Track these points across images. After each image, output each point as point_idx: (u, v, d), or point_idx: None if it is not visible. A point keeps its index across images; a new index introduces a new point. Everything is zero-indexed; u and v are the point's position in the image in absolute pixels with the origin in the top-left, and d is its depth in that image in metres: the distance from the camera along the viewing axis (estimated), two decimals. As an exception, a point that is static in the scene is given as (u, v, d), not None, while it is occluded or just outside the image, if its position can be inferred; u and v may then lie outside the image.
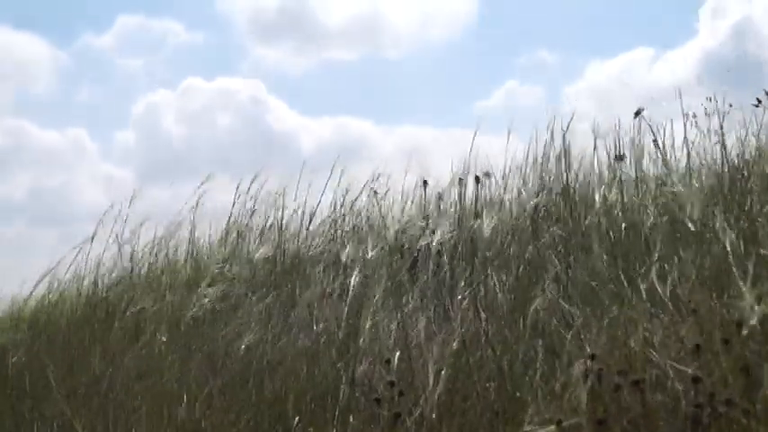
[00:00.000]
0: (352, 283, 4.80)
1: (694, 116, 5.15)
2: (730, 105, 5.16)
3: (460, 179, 5.98)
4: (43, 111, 23.84)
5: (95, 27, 27.38)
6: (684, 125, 5.10)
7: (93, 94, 24.50)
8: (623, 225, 4.38)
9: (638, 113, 5.24)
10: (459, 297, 4.42)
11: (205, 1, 26.69)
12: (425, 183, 6.12)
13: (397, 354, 4.05)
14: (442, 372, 3.87)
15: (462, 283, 4.61)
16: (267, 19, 24.62)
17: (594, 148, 5.44)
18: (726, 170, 4.61)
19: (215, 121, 22.80)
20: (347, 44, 25.28)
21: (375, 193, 6.22)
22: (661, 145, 5.23)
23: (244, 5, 25.62)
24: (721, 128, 4.87)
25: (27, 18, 24.95)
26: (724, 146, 4.88)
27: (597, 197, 4.87)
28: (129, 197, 6.50)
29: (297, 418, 4.14)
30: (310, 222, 6.20)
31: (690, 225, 3.85)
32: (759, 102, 5.05)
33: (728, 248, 3.43)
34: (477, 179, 6.07)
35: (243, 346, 4.72)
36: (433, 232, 5.40)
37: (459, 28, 24.46)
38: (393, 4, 25.71)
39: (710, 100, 5.22)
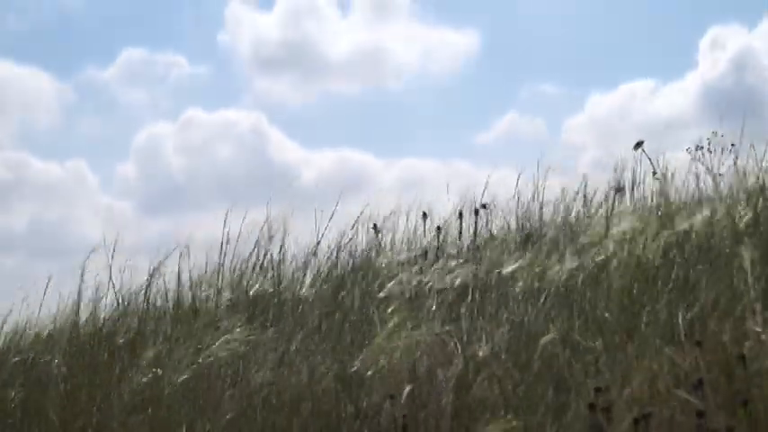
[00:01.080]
0: (355, 317, 4.78)
1: (696, 149, 5.18)
2: (732, 145, 5.19)
3: (461, 212, 5.98)
4: (45, 143, 23.79)
5: (99, 60, 27.47)
6: (689, 157, 5.11)
7: (95, 127, 24.53)
8: (629, 257, 4.37)
9: (638, 146, 5.25)
10: (466, 330, 4.39)
11: (208, 34, 26.80)
12: (425, 215, 6.10)
13: (405, 388, 4.02)
14: (449, 405, 3.85)
15: (468, 317, 4.58)
16: (269, 52, 24.75)
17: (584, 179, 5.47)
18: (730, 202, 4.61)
19: (215, 153, 22.82)
20: (348, 77, 25.39)
21: (375, 226, 6.20)
22: (661, 177, 5.25)
23: (246, 38, 25.78)
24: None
25: (31, 52, 25.07)
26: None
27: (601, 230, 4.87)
28: (128, 229, 6.45)
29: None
30: (312, 254, 6.15)
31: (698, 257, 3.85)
32: None
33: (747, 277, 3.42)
34: (476, 212, 6.07)
35: (244, 380, 4.68)
36: (433, 266, 5.37)
37: (460, 60, 24.60)
38: (394, 36, 25.88)
39: (714, 134, 5.26)
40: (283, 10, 24.93)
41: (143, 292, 6.35)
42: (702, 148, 5.18)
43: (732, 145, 5.16)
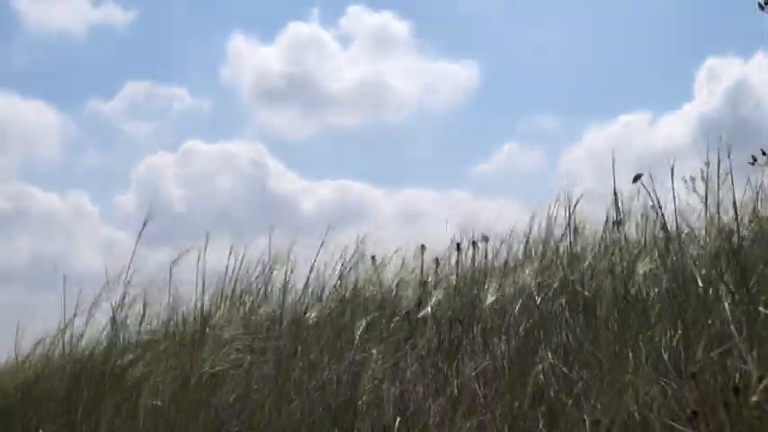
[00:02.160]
0: (350, 349, 4.76)
1: (692, 179, 5.16)
2: (726, 173, 5.17)
3: (458, 244, 5.98)
4: (48, 176, 24.03)
5: (103, 93, 27.77)
6: (685, 188, 5.10)
7: (97, 158, 24.72)
8: (625, 289, 4.37)
9: (636, 179, 5.23)
10: (459, 363, 4.38)
11: (210, 67, 27.11)
12: (423, 247, 6.10)
13: (397, 420, 4.01)
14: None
15: (461, 350, 4.58)
16: (271, 84, 25.00)
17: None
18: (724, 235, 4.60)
19: (216, 184, 22.91)
20: (349, 109, 25.62)
21: (373, 258, 6.20)
22: (659, 210, 5.23)
23: (248, 71, 26.08)
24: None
25: (35, 85, 25.38)
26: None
27: (598, 262, 4.87)
28: (128, 261, 6.43)
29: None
30: (306, 284, 6.14)
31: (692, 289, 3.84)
32: (755, 159, 5.01)
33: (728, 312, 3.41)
34: (474, 244, 6.06)
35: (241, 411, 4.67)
36: (431, 298, 5.37)
37: (460, 92, 24.81)
38: (394, 69, 26.11)
39: (707, 165, 5.23)
40: (285, 43, 25.26)
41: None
42: (695, 179, 5.16)
43: (726, 173, 5.14)
